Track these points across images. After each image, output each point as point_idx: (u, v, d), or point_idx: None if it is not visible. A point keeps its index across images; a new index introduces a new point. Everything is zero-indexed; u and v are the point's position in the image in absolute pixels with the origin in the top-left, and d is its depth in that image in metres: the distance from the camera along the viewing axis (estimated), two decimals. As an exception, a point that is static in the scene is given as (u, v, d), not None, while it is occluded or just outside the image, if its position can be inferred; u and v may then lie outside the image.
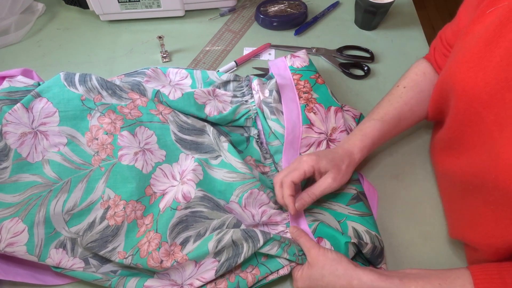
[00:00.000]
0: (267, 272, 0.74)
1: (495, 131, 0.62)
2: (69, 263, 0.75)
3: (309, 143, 0.86)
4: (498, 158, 0.60)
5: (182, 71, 0.95)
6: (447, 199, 0.83)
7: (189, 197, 0.78)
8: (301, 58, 0.97)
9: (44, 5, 1.21)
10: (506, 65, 0.60)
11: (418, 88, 0.85)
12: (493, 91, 0.62)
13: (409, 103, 0.84)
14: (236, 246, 0.75)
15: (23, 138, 0.79)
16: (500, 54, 0.61)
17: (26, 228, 0.73)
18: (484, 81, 0.63)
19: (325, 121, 0.87)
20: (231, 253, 0.74)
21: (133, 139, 0.83)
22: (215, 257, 0.74)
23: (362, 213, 0.80)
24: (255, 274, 0.74)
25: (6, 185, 0.76)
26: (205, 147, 0.85)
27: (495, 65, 0.62)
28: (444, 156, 0.81)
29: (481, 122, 0.65)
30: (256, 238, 0.75)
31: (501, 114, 0.61)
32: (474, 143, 0.68)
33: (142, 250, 0.75)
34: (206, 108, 0.89)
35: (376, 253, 0.74)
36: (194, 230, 0.77)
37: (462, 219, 0.75)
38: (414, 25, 1.18)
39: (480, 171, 0.65)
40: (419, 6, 1.65)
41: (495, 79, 0.61)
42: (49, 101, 0.81)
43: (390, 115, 0.83)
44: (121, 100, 0.85)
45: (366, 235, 0.76)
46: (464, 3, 0.79)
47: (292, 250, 0.75)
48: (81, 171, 0.79)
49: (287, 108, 0.88)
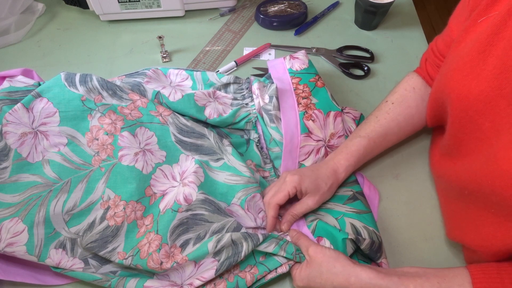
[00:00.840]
0: (266, 270, 0.75)
1: (492, 137, 0.63)
2: (69, 264, 0.75)
3: (308, 151, 0.86)
4: (495, 164, 0.60)
5: (183, 72, 0.95)
6: (445, 202, 0.83)
7: (190, 200, 0.78)
8: (300, 60, 0.96)
9: (44, 5, 1.21)
10: (499, 73, 0.60)
11: (406, 104, 0.86)
12: (487, 99, 0.62)
13: (396, 119, 0.85)
14: (236, 245, 0.75)
15: (23, 138, 0.79)
16: (492, 63, 0.62)
17: (26, 228, 0.73)
18: (478, 89, 0.63)
19: (323, 128, 0.87)
20: (231, 252, 0.74)
21: (134, 140, 0.83)
22: (215, 257, 0.74)
23: (359, 210, 0.80)
24: (254, 273, 0.74)
25: (6, 185, 0.76)
26: (205, 149, 0.85)
27: (488, 73, 0.62)
28: (441, 161, 0.81)
29: (477, 129, 0.65)
30: (256, 237, 0.75)
31: (497, 121, 0.62)
32: (471, 149, 0.68)
33: (142, 251, 0.75)
34: (206, 110, 0.89)
35: (375, 248, 0.74)
36: (194, 232, 0.77)
37: (460, 222, 0.75)
38: (414, 25, 1.18)
39: (477, 177, 0.65)
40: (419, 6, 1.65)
41: (488, 87, 0.62)
42: (49, 101, 0.81)
43: (376, 132, 0.84)
44: (121, 101, 0.85)
45: (364, 230, 0.76)
46: (455, 13, 0.79)
47: (290, 249, 0.75)
48: (81, 171, 0.79)
49: (285, 117, 0.87)
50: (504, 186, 0.59)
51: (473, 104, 0.64)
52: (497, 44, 0.61)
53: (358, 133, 0.85)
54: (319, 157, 0.87)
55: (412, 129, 0.89)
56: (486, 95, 0.62)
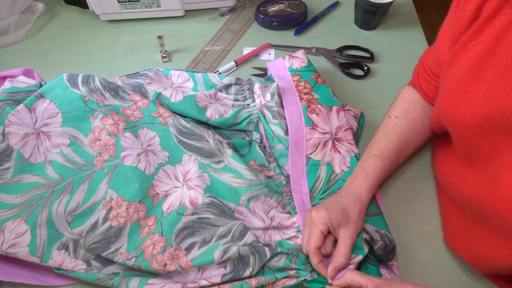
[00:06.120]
0: (272, 278, 0.73)
1: (493, 158, 0.63)
2: (71, 265, 0.75)
3: (315, 143, 0.85)
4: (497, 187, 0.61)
5: (184, 73, 0.95)
6: (445, 208, 0.83)
7: (196, 203, 0.79)
8: (299, 59, 0.97)
9: (44, 5, 1.21)
10: (486, 99, 0.61)
11: (410, 117, 0.85)
12: (478, 123, 0.63)
13: (404, 133, 0.84)
14: (242, 258, 0.74)
15: (25, 138, 0.79)
16: (482, 88, 0.62)
17: (28, 229, 0.73)
18: (469, 114, 0.64)
19: (327, 121, 0.87)
20: (237, 263, 0.74)
21: (136, 141, 0.83)
22: (220, 264, 0.74)
23: (370, 213, 0.79)
24: (260, 279, 0.73)
25: (9, 185, 0.76)
26: (206, 152, 0.84)
27: (478, 98, 0.62)
28: (444, 168, 0.81)
29: (477, 149, 0.66)
30: (263, 253, 0.74)
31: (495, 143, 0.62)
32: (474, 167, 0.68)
33: (146, 252, 0.75)
34: (208, 111, 0.89)
35: (388, 250, 0.74)
36: (200, 236, 0.77)
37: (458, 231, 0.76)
38: (414, 25, 1.18)
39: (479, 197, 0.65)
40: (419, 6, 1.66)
41: (478, 113, 0.62)
42: (52, 102, 0.82)
43: (389, 149, 0.82)
44: (123, 102, 0.85)
45: (377, 234, 0.76)
46: (442, 30, 0.80)
47: (301, 260, 0.75)
48: (83, 172, 0.80)
49: (289, 111, 0.88)
50: (506, 210, 0.59)
51: (468, 127, 0.65)
52: (487, 71, 0.61)
53: (370, 152, 0.83)
54: (327, 150, 0.86)
55: (422, 140, 0.88)
56: (477, 120, 0.63)
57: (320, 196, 0.82)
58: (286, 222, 0.80)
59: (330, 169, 0.84)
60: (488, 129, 0.62)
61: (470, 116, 0.63)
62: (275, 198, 0.81)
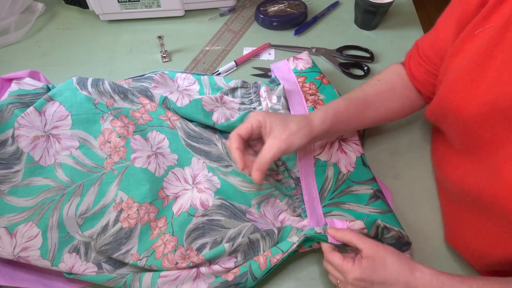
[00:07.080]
0: (279, 252, 0.73)
1: (495, 147, 0.63)
2: (82, 268, 0.75)
3: (322, 144, 0.86)
4: (499, 175, 0.61)
5: (190, 76, 0.95)
6: (446, 205, 0.84)
7: (207, 205, 0.79)
8: (304, 60, 0.98)
9: (44, 5, 1.20)
10: (494, 86, 0.61)
11: (391, 85, 0.85)
12: (484, 111, 0.63)
13: (380, 94, 0.84)
14: (252, 243, 0.75)
15: (35, 141, 0.79)
16: (491, 75, 0.62)
17: (40, 232, 0.73)
18: (477, 101, 0.64)
19: None
20: (248, 250, 0.75)
21: (146, 143, 0.83)
22: (231, 255, 0.75)
23: (382, 210, 0.80)
24: (267, 255, 0.73)
25: (19, 188, 0.76)
26: (214, 156, 0.85)
27: (485, 86, 0.63)
28: (444, 162, 0.81)
29: (479, 138, 0.66)
30: (272, 232, 0.76)
31: (497, 132, 0.62)
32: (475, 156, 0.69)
33: (157, 252, 0.75)
34: (214, 115, 0.89)
35: (402, 241, 0.75)
36: (211, 237, 0.77)
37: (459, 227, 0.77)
38: (414, 25, 1.19)
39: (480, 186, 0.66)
40: (419, 6, 1.67)
41: (484, 99, 0.62)
42: (61, 105, 0.82)
43: (358, 97, 0.82)
44: (133, 104, 0.85)
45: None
46: (443, 15, 0.79)
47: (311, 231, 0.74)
48: (93, 174, 0.80)
49: (295, 112, 0.88)
50: (507, 198, 0.60)
51: (473, 115, 0.65)
52: (496, 57, 0.61)
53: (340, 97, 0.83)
54: (333, 151, 0.86)
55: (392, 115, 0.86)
56: (483, 107, 0.63)
57: (330, 196, 0.82)
58: (297, 225, 0.80)
59: (337, 169, 0.85)
60: (493, 116, 0.62)
61: (477, 103, 0.64)
62: (285, 201, 0.82)
